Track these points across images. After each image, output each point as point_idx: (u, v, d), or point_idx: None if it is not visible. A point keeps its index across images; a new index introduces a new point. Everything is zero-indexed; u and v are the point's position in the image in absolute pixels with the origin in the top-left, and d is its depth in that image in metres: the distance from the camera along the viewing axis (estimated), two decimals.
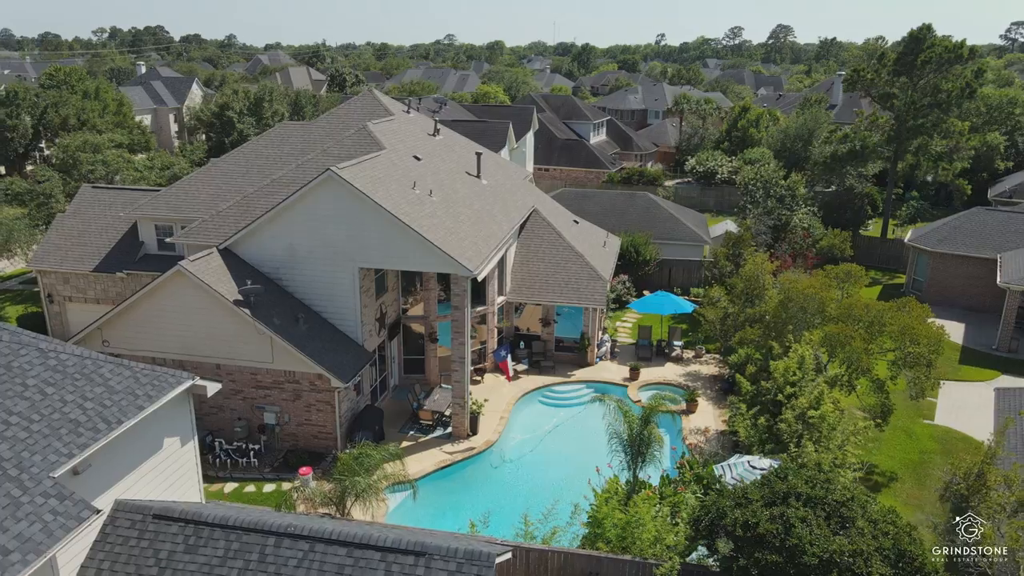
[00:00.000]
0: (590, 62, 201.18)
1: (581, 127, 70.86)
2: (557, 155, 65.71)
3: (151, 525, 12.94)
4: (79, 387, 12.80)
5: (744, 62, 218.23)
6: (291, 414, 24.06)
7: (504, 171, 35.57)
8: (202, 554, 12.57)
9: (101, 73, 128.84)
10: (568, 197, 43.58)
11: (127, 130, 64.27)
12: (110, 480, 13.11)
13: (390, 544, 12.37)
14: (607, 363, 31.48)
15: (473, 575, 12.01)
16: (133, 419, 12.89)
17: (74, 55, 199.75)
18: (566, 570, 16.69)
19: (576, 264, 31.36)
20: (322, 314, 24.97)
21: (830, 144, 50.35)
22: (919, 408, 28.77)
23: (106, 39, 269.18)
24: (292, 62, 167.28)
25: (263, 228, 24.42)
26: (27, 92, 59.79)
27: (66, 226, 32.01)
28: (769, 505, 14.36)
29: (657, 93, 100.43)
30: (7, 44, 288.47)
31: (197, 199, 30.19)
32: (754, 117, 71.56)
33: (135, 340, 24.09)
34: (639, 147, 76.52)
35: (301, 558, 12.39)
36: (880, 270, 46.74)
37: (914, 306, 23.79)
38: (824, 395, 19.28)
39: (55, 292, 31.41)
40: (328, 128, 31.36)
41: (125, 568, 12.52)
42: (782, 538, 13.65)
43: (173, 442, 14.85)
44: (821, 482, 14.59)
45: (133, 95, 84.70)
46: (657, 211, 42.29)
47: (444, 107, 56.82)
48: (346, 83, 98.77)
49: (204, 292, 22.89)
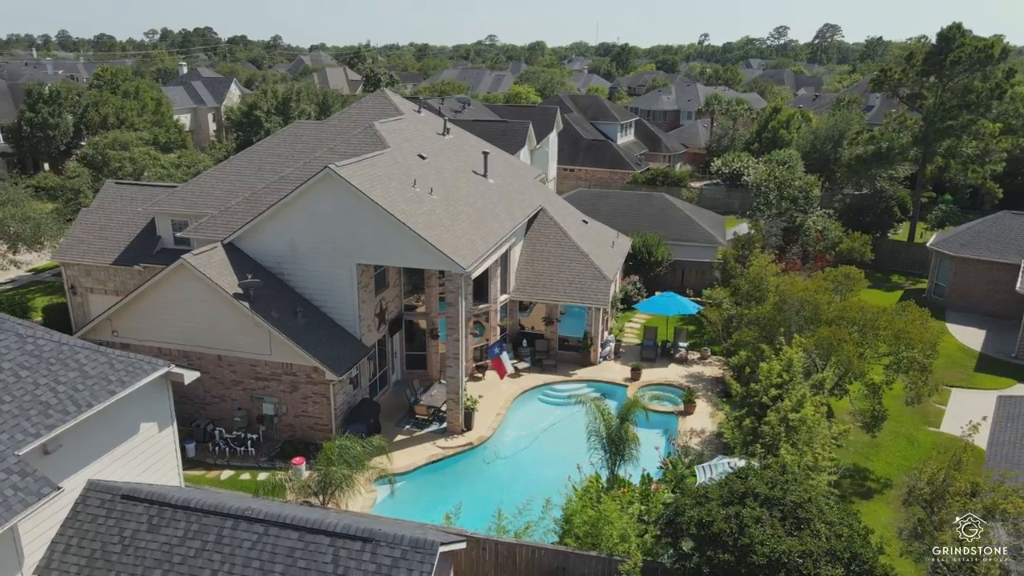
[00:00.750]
0: (629, 62, 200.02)
1: (608, 127, 70.70)
2: (582, 155, 65.71)
3: (119, 505, 13.54)
4: (53, 371, 13.46)
5: (787, 62, 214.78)
6: (289, 405, 24.68)
7: (514, 170, 35.82)
8: (163, 534, 13.12)
9: (148, 73, 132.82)
10: (583, 197, 43.63)
11: (164, 128, 66.28)
12: (83, 461, 13.74)
13: (339, 530, 12.75)
14: (610, 363, 31.50)
15: (416, 561, 12.31)
16: (103, 403, 13.50)
17: (126, 56, 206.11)
18: (534, 564, 16.88)
19: (581, 264, 31.46)
20: (322, 308, 25.55)
21: (857, 146, 49.45)
22: (925, 415, 28.23)
23: (157, 40, 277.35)
24: (333, 63, 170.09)
25: (265, 224, 25.11)
26: (69, 92, 62.07)
27: (89, 220, 33.26)
28: (726, 504, 14.36)
29: (691, 94, 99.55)
30: (64, 45, 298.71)
31: (211, 195, 31.10)
32: (785, 118, 70.52)
33: (142, 330, 24.99)
34: (668, 148, 76.02)
35: (255, 541, 12.84)
36: (905, 274, 45.78)
37: (913, 310, 23.37)
38: (807, 398, 19.11)
39: (78, 284, 32.67)
40: (339, 127, 31.99)
41: (91, 544, 13.13)
42: (735, 537, 13.66)
43: (150, 427, 15.46)
44: (780, 483, 14.54)
45: (174, 95, 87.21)
46: (672, 212, 42.09)
47: (468, 107, 57.43)
48: (380, 83, 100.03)
49: (205, 285, 23.65)
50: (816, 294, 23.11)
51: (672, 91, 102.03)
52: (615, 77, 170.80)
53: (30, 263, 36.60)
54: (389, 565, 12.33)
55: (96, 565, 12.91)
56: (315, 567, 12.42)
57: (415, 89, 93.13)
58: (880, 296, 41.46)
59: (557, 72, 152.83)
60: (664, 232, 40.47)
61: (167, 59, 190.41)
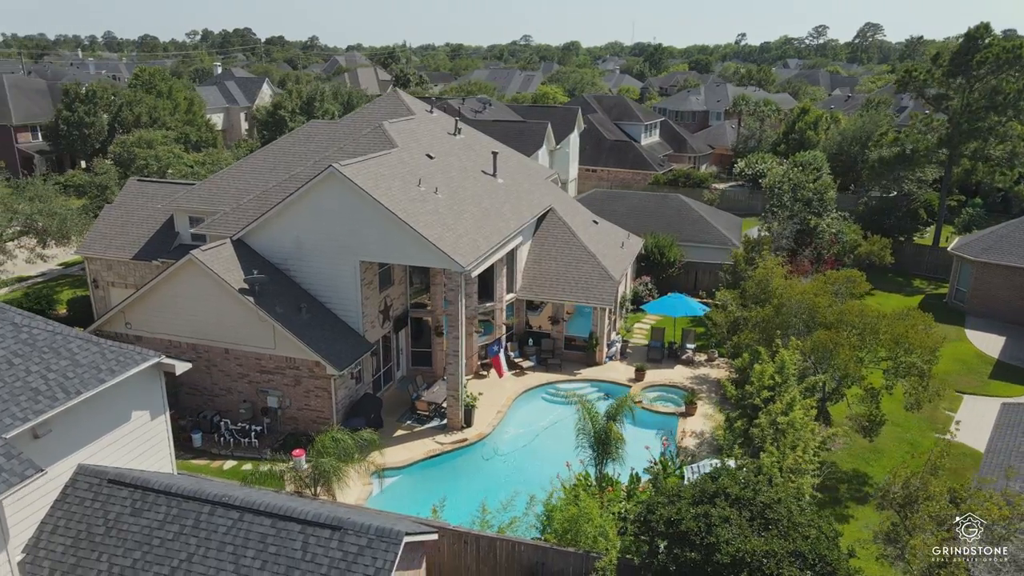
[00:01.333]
0: (662, 62, 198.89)
1: (632, 128, 70.50)
2: (605, 156, 65.65)
3: (105, 489, 14.13)
4: (45, 359, 14.09)
5: (825, 62, 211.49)
6: (292, 398, 25.27)
7: (526, 170, 36.06)
8: (145, 517, 13.67)
9: (186, 74, 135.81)
10: (599, 198, 43.70)
11: (195, 127, 67.88)
12: (73, 446, 14.36)
13: (310, 518, 13.15)
14: (616, 363, 31.57)
15: (380, 550, 12.66)
16: (92, 391, 14.08)
17: (168, 56, 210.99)
18: (514, 559, 17.13)
19: (588, 264, 31.59)
20: (326, 304, 26.09)
21: (881, 147, 48.65)
22: (933, 421, 27.82)
23: (198, 41, 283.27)
24: (367, 63, 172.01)
25: (273, 221, 25.73)
26: (104, 91, 63.92)
27: (112, 216, 34.34)
28: (696, 504, 14.44)
29: (720, 94, 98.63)
30: (110, 46, 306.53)
31: (227, 192, 31.90)
32: (812, 119, 69.49)
33: (153, 323, 25.80)
34: (693, 149, 75.53)
35: (230, 526, 13.31)
36: (927, 279, 44.97)
37: (915, 315, 23.07)
38: (796, 401, 19.04)
39: (100, 277, 33.76)
40: (352, 127, 32.57)
41: (78, 526, 13.73)
42: (703, 536, 13.75)
43: (142, 415, 16.05)
44: (752, 484, 14.58)
45: (208, 95, 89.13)
46: (687, 213, 41.93)
47: (489, 107, 57.80)
48: (409, 83, 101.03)
49: (213, 280, 24.33)
50: (815, 297, 22.94)
51: (701, 92, 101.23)
52: (647, 77, 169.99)
53: (55, 256, 37.79)
54: (355, 553, 12.69)
55: (81, 545, 13.50)
56: (284, 552, 12.85)
57: (443, 89, 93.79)
58: (900, 300, 40.84)
59: (588, 72, 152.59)
60: (678, 233, 40.37)
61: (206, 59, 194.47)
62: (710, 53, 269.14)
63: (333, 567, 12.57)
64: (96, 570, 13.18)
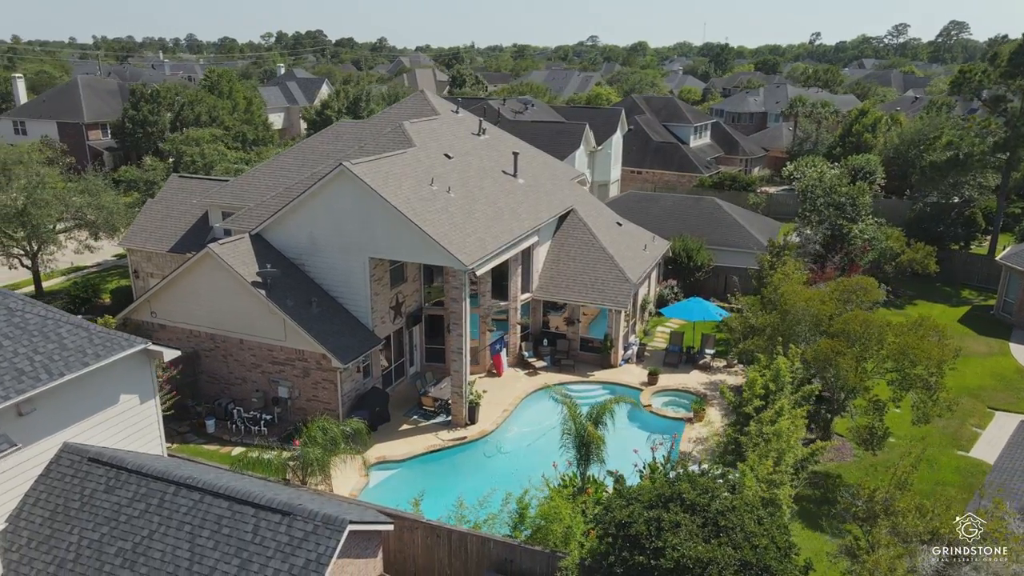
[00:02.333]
0: (727, 63, 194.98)
1: (681, 130, 69.51)
2: (650, 158, 64.97)
3: (84, 466, 14.96)
4: (34, 342, 15.01)
5: (902, 62, 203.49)
6: (301, 389, 26.04)
7: (550, 171, 36.11)
8: (116, 495, 14.42)
9: (256, 75, 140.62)
10: (632, 200, 43.36)
11: (253, 126, 70.32)
12: (58, 424, 15.23)
13: (263, 503, 13.65)
14: (631, 366, 31.33)
15: (324, 536, 13.04)
16: (75, 373, 14.90)
17: (243, 57, 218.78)
18: (484, 554, 17.31)
19: (605, 265, 31.45)
20: (338, 300, 26.78)
21: (935, 152, 46.69)
22: (957, 437, 26.71)
23: (272, 43, 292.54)
24: (430, 64, 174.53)
25: (288, 217, 26.58)
26: (168, 91, 66.89)
27: (153, 210, 36.02)
28: (651, 507, 14.35)
29: (779, 96, 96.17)
30: (191, 48, 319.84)
31: (256, 189, 33.05)
32: (871, 121, 67.13)
33: (175, 312, 26.99)
34: (745, 151, 73.94)
35: (191, 507, 13.93)
36: (977, 290, 42.95)
37: (927, 325, 22.17)
38: (784, 410, 18.60)
39: (140, 269, 35.47)
40: (378, 126, 33.28)
41: (56, 500, 14.59)
42: (652, 540, 13.67)
43: (131, 399, 16.86)
44: (711, 490, 14.39)
45: (270, 95, 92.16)
46: (721, 216, 41.19)
47: (531, 107, 57.98)
48: (465, 84, 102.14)
49: (228, 273, 25.31)
50: (820, 304, 22.30)
51: (760, 93, 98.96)
52: (710, 78, 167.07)
53: (101, 248, 39.78)
54: (300, 538, 13.12)
55: (57, 518, 14.35)
56: (236, 535, 13.37)
57: (492, 91, 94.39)
58: (945, 311, 39.22)
59: (649, 73, 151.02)
60: (710, 237, 39.72)
61: (278, 60, 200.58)
62: (781, 53, 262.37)
63: (279, 550, 13.03)
64: (68, 542, 13.99)
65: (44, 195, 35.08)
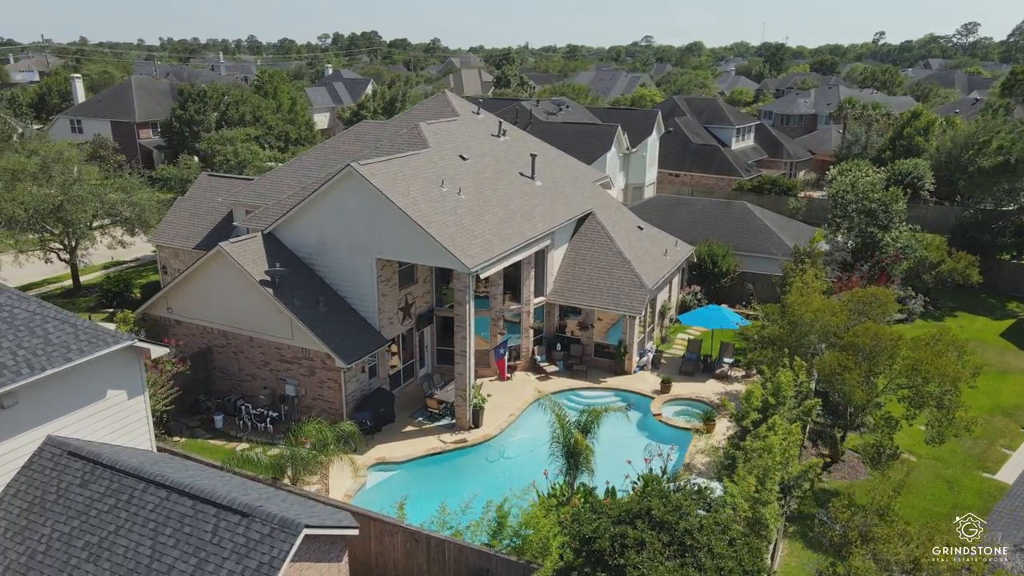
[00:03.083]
0: (783, 63, 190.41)
1: (723, 132, 68.04)
2: (689, 160, 63.79)
3: (64, 460, 15.26)
4: (19, 337, 15.38)
5: (970, 62, 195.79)
6: (307, 388, 26.25)
7: (571, 173, 35.66)
8: (90, 488, 14.67)
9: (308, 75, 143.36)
10: (660, 203, 42.56)
11: (296, 126, 71.61)
12: (42, 418, 15.56)
13: (225, 503, 13.69)
14: (645, 373, 30.69)
15: (278, 540, 13.00)
16: (56, 368, 15.18)
17: (300, 58, 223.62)
18: (461, 562, 17.08)
19: (621, 270, 30.89)
20: (346, 299, 26.91)
21: (985, 156, 44.55)
22: (984, 459, 25.39)
23: (328, 44, 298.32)
24: (481, 65, 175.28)
25: (299, 216, 26.83)
26: (214, 91, 68.56)
27: (182, 208, 36.87)
28: (618, 523, 13.92)
29: (831, 97, 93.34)
30: (251, 49, 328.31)
31: (279, 188, 33.48)
32: (923, 124, 64.57)
33: (190, 309, 27.51)
34: (790, 154, 71.98)
35: (157, 504, 14.07)
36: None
37: (947, 341, 21.05)
38: (777, 425, 17.87)
39: (168, 264, 36.33)
40: (398, 127, 33.35)
41: (34, 491, 14.92)
42: (615, 557, 13.26)
43: (118, 394, 17.14)
44: (680, 508, 13.87)
45: (316, 95, 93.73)
46: (751, 222, 40.10)
47: (565, 109, 57.51)
48: (510, 84, 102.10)
49: (238, 271, 25.68)
50: (831, 316, 21.38)
51: (811, 94, 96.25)
52: (764, 79, 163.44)
53: (133, 244, 40.85)
54: (256, 540, 13.10)
55: (33, 509, 14.67)
56: (196, 534, 13.44)
57: (536, 92, 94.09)
58: (987, 324, 37.48)
59: (700, 74, 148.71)
60: (739, 242, 38.73)
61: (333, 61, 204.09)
62: (842, 54, 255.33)
63: (235, 552, 13.04)
64: (41, 534, 14.28)
65: (80, 192, 36.25)
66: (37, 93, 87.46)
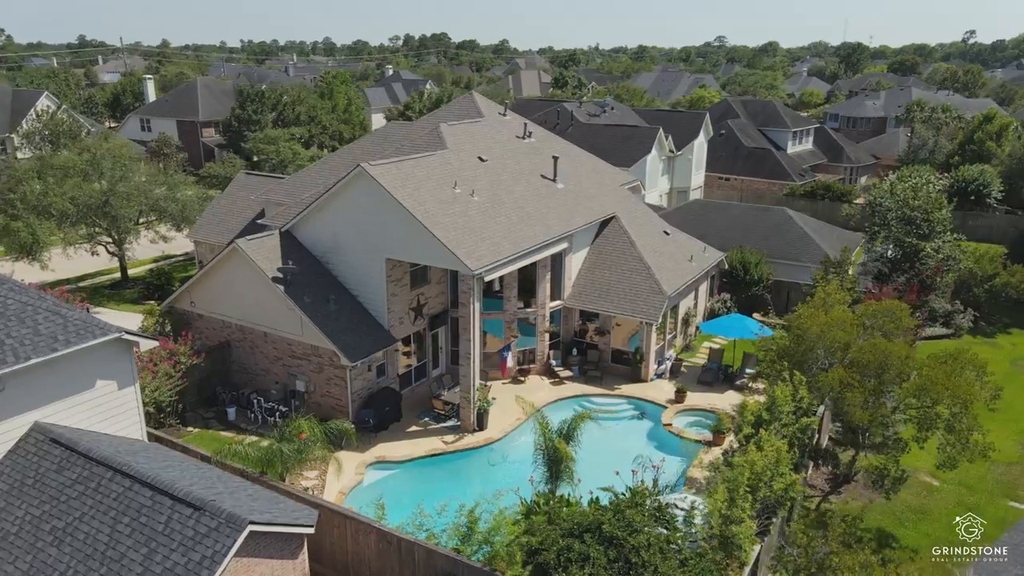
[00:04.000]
0: (859, 63, 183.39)
1: (778, 135, 65.97)
2: (740, 164, 62.08)
3: (45, 446, 15.89)
4: (9, 327, 16.08)
5: None
6: (316, 384, 26.65)
7: (598, 176, 35.15)
8: (63, 475, 15.22)
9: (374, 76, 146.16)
10: (695, 208, 41.56)
11: (350, 126, 73.11)
12: (29, 405, 16.22)
13: (180, 495, 13.98)
14: (663, 382, 29.98)
15: (223, 535, 13.20)
16: (41, 358, 15.83)
17: (371, 59, 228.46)
18: (429, 565, 16.99)
19: (640, 275, 30.26)
20: (358, 298, 27.20)
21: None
22: (1013, 487, 23.87)
23: (399, 45, 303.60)
24: (545, 66, 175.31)
25: (314, 215, 27.29)
26: (272, 92, 70.60)
27: (220, 205, 38.05)
28: (568, 535, 13.58)
29: (903, 99, 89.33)
30: (327, 51, 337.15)
31: (308, 186, 34.11)
32: (996, 129, 61.16)
33: (211, 303, 28.33)
34: (851, 159, 69.22)
35: (120, 493, 14.49)
36: None
37: (966, 360, 19.76)
38: (763, 441, 17.13)
39: (204, 259, 37.49)
40: (424, 128, 33.54)
41: (15, 475, 15.57)
42: (559, 571, 12.94)
43: (108, 384, 17.74)
44: (633, 524, 13.43)
45: (374, 95, 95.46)
46: (789, 228, 38.68)
47: (608, 110, 56.83)
48: (568, 85, 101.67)
49: (251, 268, 26.29)
50: (838, 330, 20.35)
51: (880, 96, 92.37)
52: (837, 79, 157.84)
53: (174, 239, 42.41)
54: (204, 533, 13.33)
55: (13, 492, 15.31)
56: (151, 524, 13.77)
57: (587, 94, 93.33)
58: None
59: (768, 75, 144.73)
60: (775, 249, 37.42)
61: (403, 62, 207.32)
62: (928, 53, 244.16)
63: (182, 544, 13.30)
64: (15, 516, 14.90)
65: (126, 188, 37.83)
66: (113, 93, 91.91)
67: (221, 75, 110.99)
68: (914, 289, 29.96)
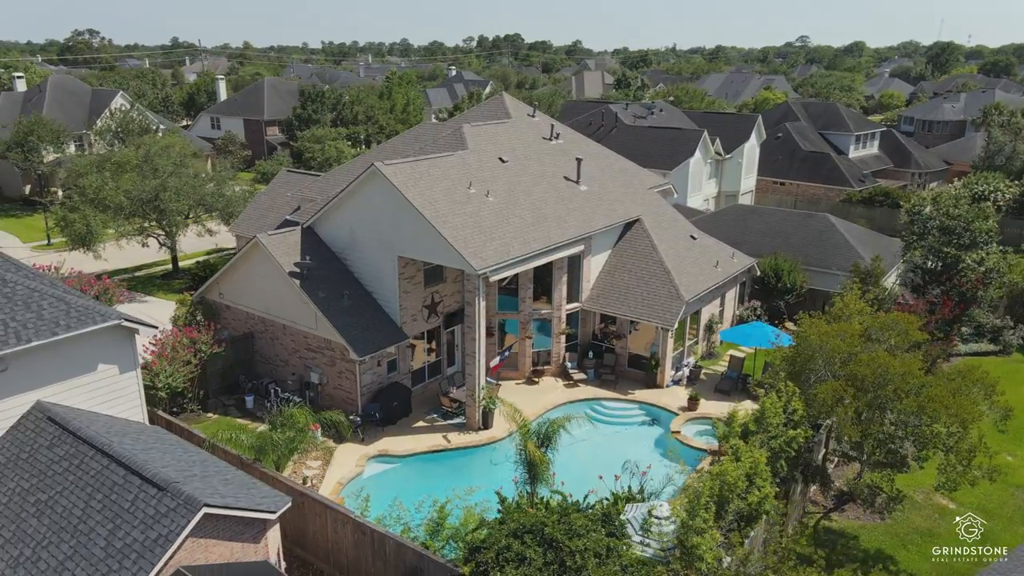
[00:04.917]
0: (948, 64, 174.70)
1: (839, 139, 63.64)
2: (796, 168, 60.18)
3: (42, 423, 16.95)
4: (14, 311, 17.23)
5: None
6: (329, 377, 27.38)
7: (625, 179, 34.78)
8: (53, 451, 16.21)
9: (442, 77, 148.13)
10: (731, 213, 40.61)
11: (407, 126, 74.42)
12: (31, 384, 17.34)
13: (148, 476, 14.70)
14: (679, 389, 29.48)
15: (179, 515, 13.81)
16: (42, 340, 16.91)
17: (445, 60, 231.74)
18: (399, 558, 17.30)
19: (659, 280, 29.84)
20: (373, 295, 27.79)
21: None
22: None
23: (473, 46, 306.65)
24: (616, 67, 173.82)
25: (333, 212, 28.03)
26: (332, 92, 72.62)
27: (262, 201, 39.45)
28: (511, 535, 13.64)
29: (985, 102, 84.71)
30: (403, 52, 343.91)
31: (340, 183, 35.00)
32: None
33: (237, 295, 29.46)
34: (919, 164, 66.13)
35: (99, 471, 15.33)
36: None
37: (975, 378, 18.74)
38: (740, 452, 16.70)
39: None
40: (454, 127, 33.95)
41: (12, 449, 16.66)
42: (496, 570, 13.03)
43: (109, 368, 18.77)
44: (573, 527, 13.38)
45: (436, 95, 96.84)
46: (830, 236, 37.34)
47: (657, 112, 56.04)
48: (630, 86, 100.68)
49: (271, 262, 27.23)
50: (837, 341, 19.59)
51: (960, 99, 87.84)
52: (921, 81, 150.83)
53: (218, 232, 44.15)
54: (163, 513, 13.99)
55: (8, 465, 16.40)
56: (119, 502, 14.53)
57: (651, 95, 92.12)
58: None
59: (846, 76, 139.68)
60: (812, 257, 36.22)
61: (474, 63, 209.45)
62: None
63: (143, 522, 13.98)
64: (7, 488, 15.96)
65: (176, 183, 39.67)
66: (188, 92, 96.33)
67: (291, 75, 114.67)
68: (948, 302, 28.41)
